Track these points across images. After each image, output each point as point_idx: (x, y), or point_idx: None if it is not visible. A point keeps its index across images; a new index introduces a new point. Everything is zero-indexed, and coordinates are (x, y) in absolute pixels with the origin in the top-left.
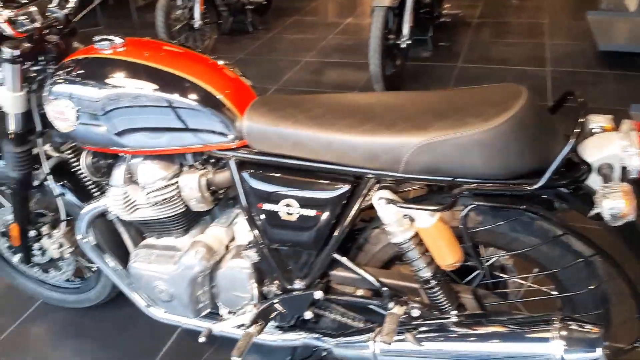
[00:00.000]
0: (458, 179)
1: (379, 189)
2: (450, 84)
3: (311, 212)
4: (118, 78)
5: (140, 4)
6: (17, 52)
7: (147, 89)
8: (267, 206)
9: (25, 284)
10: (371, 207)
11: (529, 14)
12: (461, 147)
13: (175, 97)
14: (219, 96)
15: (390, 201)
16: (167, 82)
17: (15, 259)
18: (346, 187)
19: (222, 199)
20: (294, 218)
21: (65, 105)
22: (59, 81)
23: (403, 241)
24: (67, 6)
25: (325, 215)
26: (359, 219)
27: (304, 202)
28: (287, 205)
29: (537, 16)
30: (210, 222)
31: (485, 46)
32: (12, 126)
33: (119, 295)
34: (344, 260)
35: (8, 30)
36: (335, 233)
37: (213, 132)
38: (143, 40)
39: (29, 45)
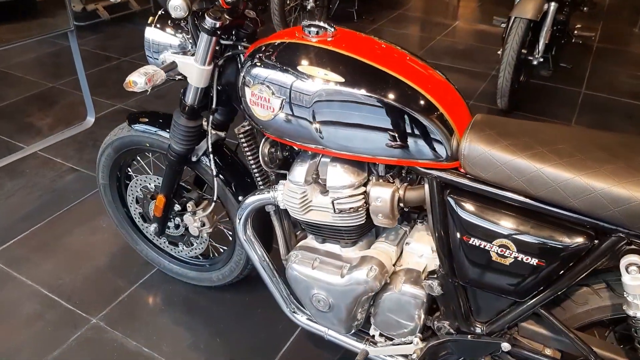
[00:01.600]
0: None
1: (628, 252)
2: (576, 110)
3: (532, 261)
4: (329, 70)
5: None
6: (218, 24)
7: (358, 86)
8: (474, 241)
9: (146, 251)
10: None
11: None
12: None
13: (389, 101)
14: (439, 107)
15: None
16: (382, 82)
17: (151, 228)
18: (585, 241)
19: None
20: (506, 262)
21: (272, 93)
22: (258, 64)
23: None
24: None
25: (548, 267)
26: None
27: (526, 248)
28: (503, 246)
29: None
30: (375, 236)
31: (608, 74)
32: (190, 99)
33: (238, 282)
34: (550, 317)
35: None
36: (551, 287)
37: (424, 146)
38: (353, 32)
39: (229, 18)
